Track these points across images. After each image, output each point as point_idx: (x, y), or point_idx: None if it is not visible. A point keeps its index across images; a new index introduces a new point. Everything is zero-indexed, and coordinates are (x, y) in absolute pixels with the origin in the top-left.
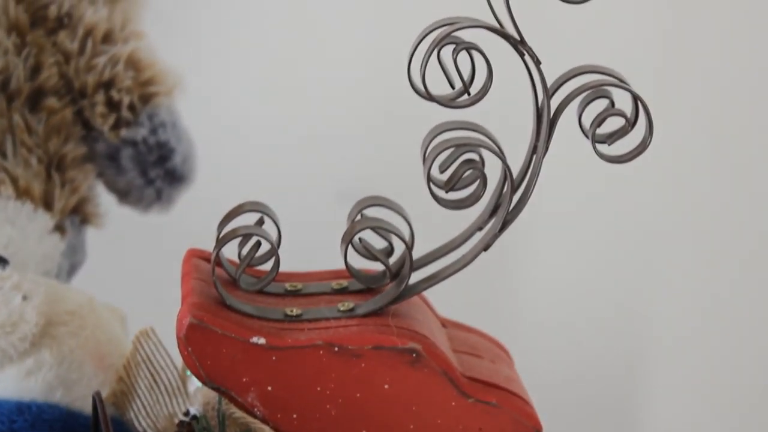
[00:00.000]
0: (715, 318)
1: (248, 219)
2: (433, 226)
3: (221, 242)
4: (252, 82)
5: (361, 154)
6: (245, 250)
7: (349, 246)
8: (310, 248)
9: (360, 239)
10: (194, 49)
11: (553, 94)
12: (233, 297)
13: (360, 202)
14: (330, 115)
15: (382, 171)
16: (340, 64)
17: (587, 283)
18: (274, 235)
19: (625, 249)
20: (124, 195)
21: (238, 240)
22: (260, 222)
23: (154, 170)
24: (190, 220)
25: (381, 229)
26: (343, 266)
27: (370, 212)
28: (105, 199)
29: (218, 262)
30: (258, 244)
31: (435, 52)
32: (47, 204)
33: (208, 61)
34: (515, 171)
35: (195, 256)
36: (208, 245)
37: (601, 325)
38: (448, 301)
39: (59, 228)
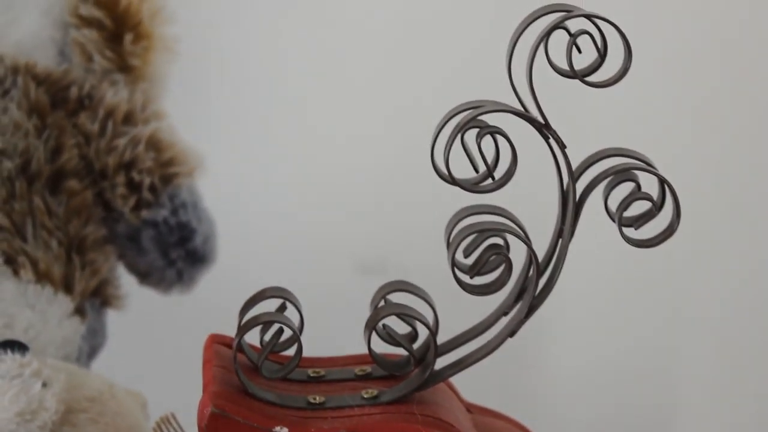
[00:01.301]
0: (744, 375)
1: (270, 304)
2: (456, 308)
3: (243, 330)
4: (271, 159)
5: (378, 228)
6: (267, 337)
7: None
8: (328, 320)
9: (383, 325)
10: (214, 129)
11: (578, 177)
12: (255, 385)
13: (383, 287)
14: (349, 191)
15: (401, 245)
16: (360, 142)
17: (612, 367)
18: (296, 321)
19: (648, 328)
20: (144, 276)
21: (260, 325)
22: (282, 308)
23: (175, 251)
24: (212, 300)
25: (405, 315)
26: (365, 350)
27: (393, 297)
28: (125, 281)
29: (240, 348)
30: (280, 330)
31: (459, 136)
32: (67, 287)
33: (228, 140)
34: (540, 255)
35: (216, 342)
36: (230, 325)
37: (628, 412)
38: (470, 383)
39: (79, 311)
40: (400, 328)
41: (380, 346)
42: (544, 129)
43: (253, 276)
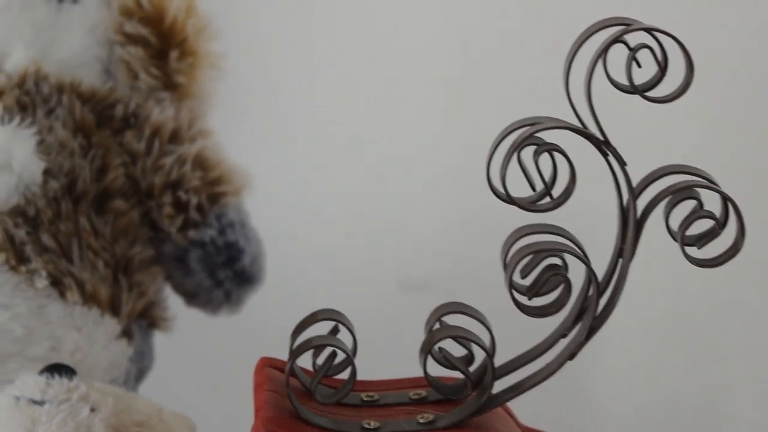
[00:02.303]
0: None
1: (323, 327)
2: (508, 329)
3: (295, 354)
4: (318, 178)
5: (422, 245)
6: (320, 360)
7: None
8: (371, 338)
9: (439, 348)
10: (259, 147)
11: (638, 195)
12: (308, 409)
13: (438, 309)
14: (395, 208)
15: (445, 263)
16: (407, 159)
17: (662, 395)
18: (349, 344)
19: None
20: (192, 297)
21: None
22: (335, 330)
23: (223, 271)
24: (259, 321)
25: (461, 338)
26: (411, 369)
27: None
28: (172, 302)
29: (292, 372)
30: (333, 353)
31: (515, 154)
32: (114, 308)
33: (273, 159)
34: (600, 275)
35: (267, 365)
36: (279, 346)
37: None
38: (525, 406)
39: (126, 333)
40: (455, 349)
41: (435, 369)
42: (604, 146)
43: (299, 295)
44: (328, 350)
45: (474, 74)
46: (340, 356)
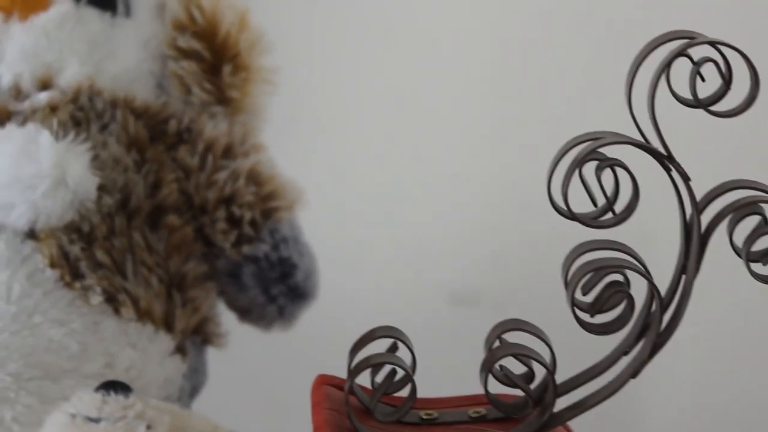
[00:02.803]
0: None
1: (381, 344)
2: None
3: (354, 372)
4: (369, 192)
5: (472, 259)
6: (379, 378)
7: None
8: (423, 352)
9: (500, 366)
10: (311, 162)
11: (702, 210)
12: (368, 428)
13: (497, 326)
14: (445, 220)
15: (494, 277)
16: (458, 171)
17: (729, 413)
18: (407, 361)
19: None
20: (245, 313)
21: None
22: (393, 348)
23: (276, 287)
24: (312, 335)
25: (522, 355)
26: (476, 390)
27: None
28: (225, 318)
29: (351, 391)
30: (393, 371)
31: (577, 169)
32: (168, 325)
33: (325, 174)
34: (662, 291)
35: (325, 383)
36: (332, 361)
37: None
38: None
39: (180, 349)
40: (514, 366)
41: (492, 386)
42: (667, 160)
43: (350, 310)
44: (387, 368)
45: (529, 88)
46: (399, 373)
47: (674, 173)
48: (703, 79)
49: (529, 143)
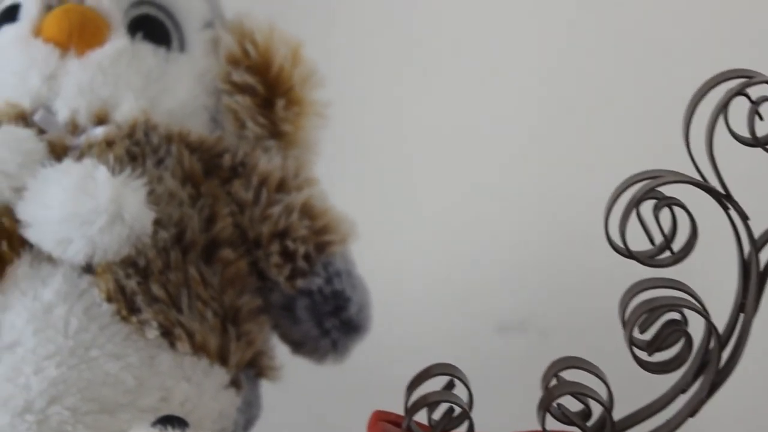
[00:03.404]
0: None
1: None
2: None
3: (412, 411)
4: (417, 222)
5: (519, 287)
6: (436, 416)
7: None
8: (473, 381)
9: (557, 403)
10: (362, 195)
11: (761, 248)
12: None
13: (554, 364)
14: (496, 249)
15: (542, 306)
16: (505, 199)
17: None
18: (464, 397)
19: None
20: (298, 346)
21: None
22: (450, 386)
23: (330, 320)
24: (364, 368)
25: (580, 394)
26: (527, 421)
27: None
28: (278, 350)
29: (409, 429)
30: (450, 409)
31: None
32: (223, 358)
33: (373, 204)
34: (720, 330)
35: (381, 419)
36: (386, 396)
37: None
38: None
39: (235, 383)
40: (571, 404)
41: (549, 423)
42: (725, 199)
43: (399, 341)
44: (444, 405)
45: (586, 122)
46: (456, 410)
47: (732, 212)
48: (761, 118)
49: (584, 176)
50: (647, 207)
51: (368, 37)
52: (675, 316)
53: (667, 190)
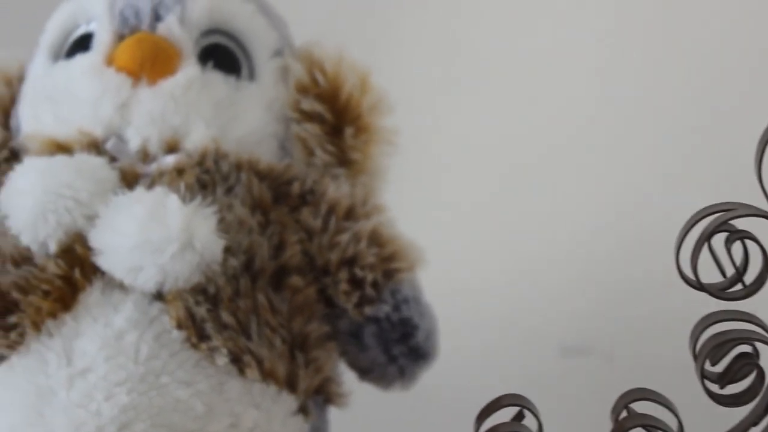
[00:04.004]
0: None
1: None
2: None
3: None
4: (477, 246)
5: (587, 307)
6: None
7: None
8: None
9: None
10: (427, 220)
11: None
12: None
13: (624, 396)
14: (560, 273)
15: (606, 330)
16: (569, 221)
17: None
18: (534, 428)
19: None
20: (366, 372)
21: None
22: (520, 416)
23: (397, 347)
24: (431, 394)
25: (651, 426)
26: None
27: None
28: (346, 377)
29: None
30: None
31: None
32: (291, 385)
33: (437, 229)
34: None
35: None
36: (452, 421)
37: None
38: None
39: (303, 409)
40: None
41: None
42: None
43: (463, 365)
44: None
45: (658, 150)
46: None
47: None
48: None
49: (653, 202)
50: (719, 239)
51: (443, 69)
52: (746, 349)
53: (739, 223)
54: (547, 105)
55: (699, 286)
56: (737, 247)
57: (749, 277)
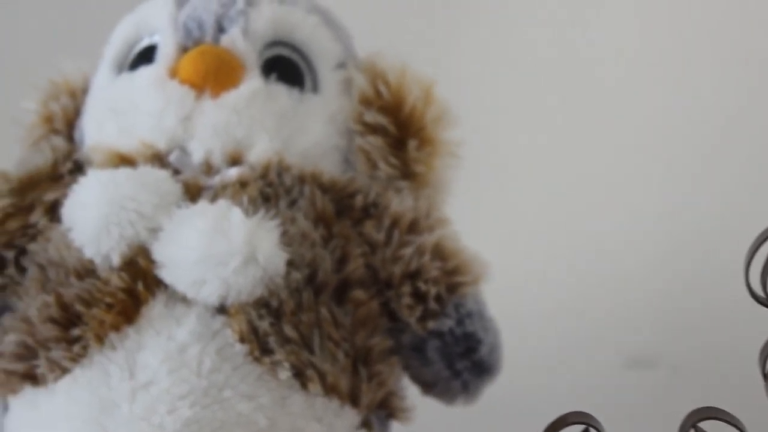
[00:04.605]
0: None
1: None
2: None
3: None
4: (541, 256)
5: (654, 318)
6: None
7: None
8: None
9: None
10: (491, 234)
11: None
12: None
13: (691, 415)
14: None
15: (672, 339)
16: (633, 232)
17: None
18: None
19: None
20: (429, 387)
21: None
22: None
23: (461, 362)
24: (495, 408)
25: None
26: None
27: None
28: (409, 391)
29: None
30: None
31: None
32: (354, 399)
33: (502, 242)
34: None
35: None
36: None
37: None
38: None
39: (366, 424)
40: None
41: None
42: None
43: (525, 377)
44: None
45: (726, 160)
46: None
47: None
48: None
49: (722, 212)
50: None
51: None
52: None
53: None
54: (615, 118)
55: None
56: None
57: None
